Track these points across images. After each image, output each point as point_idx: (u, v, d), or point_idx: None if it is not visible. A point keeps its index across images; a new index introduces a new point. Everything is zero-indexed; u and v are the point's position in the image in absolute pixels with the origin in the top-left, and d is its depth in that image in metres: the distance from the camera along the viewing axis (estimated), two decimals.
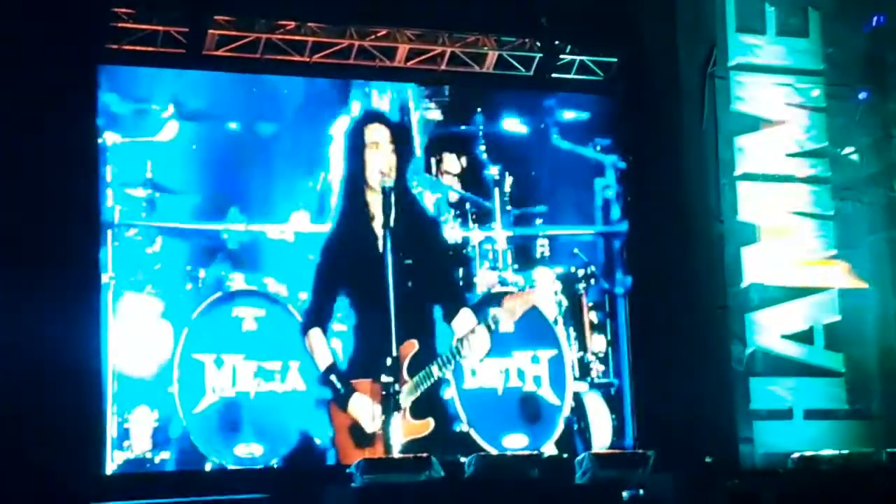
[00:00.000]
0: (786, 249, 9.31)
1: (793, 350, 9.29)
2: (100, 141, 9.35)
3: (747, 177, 9.34)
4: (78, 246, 8.60)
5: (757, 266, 9.29)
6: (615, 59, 10.17)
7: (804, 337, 9.36)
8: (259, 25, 9.65)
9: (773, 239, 9.29)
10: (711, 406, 9.34)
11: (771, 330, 9.29)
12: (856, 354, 9.45)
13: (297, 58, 9.82)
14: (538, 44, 10.11)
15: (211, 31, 9.50)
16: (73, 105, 8.54)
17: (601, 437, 9.94)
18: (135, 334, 9.57)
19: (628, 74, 10.06)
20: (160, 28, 9.52)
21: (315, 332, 7.36)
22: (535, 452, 9.18)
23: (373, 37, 9.83)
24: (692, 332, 9.54)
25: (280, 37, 9.74)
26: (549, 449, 9.81)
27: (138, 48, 9.47)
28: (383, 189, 7.17)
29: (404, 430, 7.15)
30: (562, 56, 10.22)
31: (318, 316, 7.42)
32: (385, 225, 7.19)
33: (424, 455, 7.33)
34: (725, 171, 9.34)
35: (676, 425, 9.44)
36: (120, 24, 9.16)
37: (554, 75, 10.31)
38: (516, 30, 9.99)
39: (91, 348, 8.72)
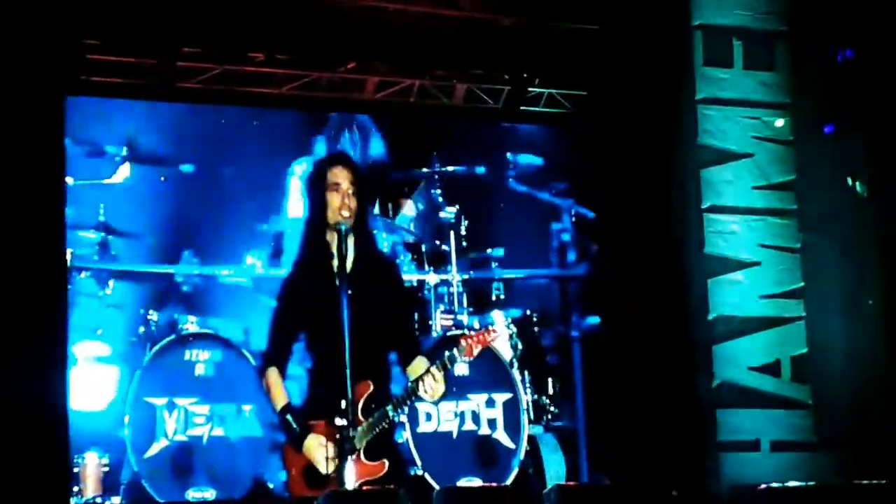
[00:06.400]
0: (752, 282, 9.43)
1: (760, 382, 9.38)
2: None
3: (714, 210, 9.47)
4: (43, 291, 8.27)
5: (723, 298, 9.40)
6: (584, 93, 10.12)
7: (771, 369, 9.48)
8: (227, 57, 9.54)
9: (739, 271, 9.42)
10: (676, 440, 9.33)
11: (738, 362, 9.39)
12: (823, 386, 9.52)
13: (266, 90, 9.70)
14: (507, 77, 10.00)
15: (181, 63, 9.31)
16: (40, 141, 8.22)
17: (555, 480, 9.90)
18: (86, 378, 9.48)
19: (594, 109, 10.06)
20: (129, 59, 9.34)
21: (272, 371, 7.27)
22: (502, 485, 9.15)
23: (342, 69, 9.75)
24: (654, 369, 9.52)
25: (249, 69, 9.61)
26: None
27: (106, 80, 9.27)
28: (340, 230, 7.12)
29: (358, 472, 7.05)
30: (530, 89, 10.10)
31: (274, 358, 7.33)
32: (341, 267, 7.13)
33: (391, 487, 7.25)
34: (692, 204, 9.42)
35: (637, 462, 9.42)
36: (89, 56, 8.99)
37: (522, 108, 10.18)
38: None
39: (57, 395, 8.37)
